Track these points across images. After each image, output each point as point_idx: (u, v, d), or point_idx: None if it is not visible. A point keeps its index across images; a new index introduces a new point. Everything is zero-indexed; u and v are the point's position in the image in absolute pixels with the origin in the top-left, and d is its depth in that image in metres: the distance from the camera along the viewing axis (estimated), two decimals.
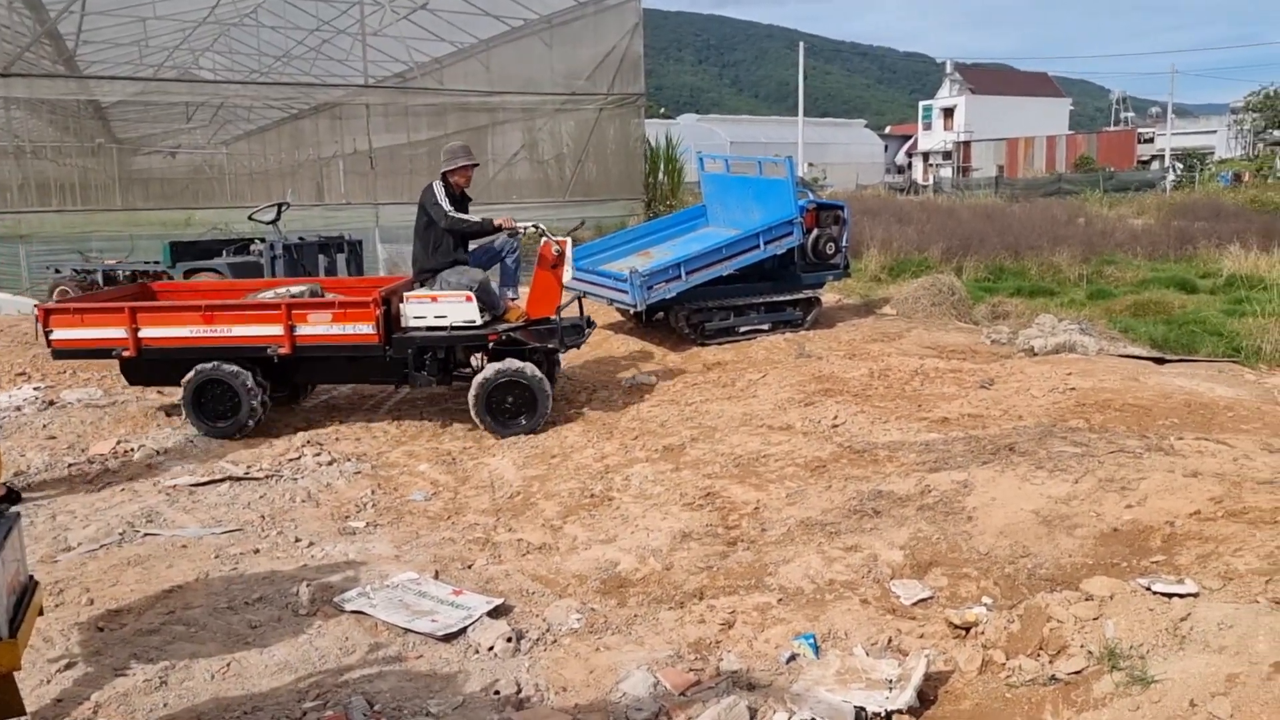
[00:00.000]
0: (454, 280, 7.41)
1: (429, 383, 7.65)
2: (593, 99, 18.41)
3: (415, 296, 7.42)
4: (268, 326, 7.35)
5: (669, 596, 4.57)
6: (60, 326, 7.52)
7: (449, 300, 7.33)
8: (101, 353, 7.65)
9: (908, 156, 74.19)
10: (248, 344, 7.39)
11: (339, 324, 7.29)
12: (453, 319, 7.32)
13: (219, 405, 7.43)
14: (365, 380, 8.28)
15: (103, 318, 7.52)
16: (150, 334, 7.46)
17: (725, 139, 50.27)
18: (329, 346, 7.38)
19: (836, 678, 3.67)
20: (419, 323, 7.36)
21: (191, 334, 7.43)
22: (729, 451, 6.46)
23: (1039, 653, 3.62)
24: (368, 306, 7.23)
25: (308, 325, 7.32)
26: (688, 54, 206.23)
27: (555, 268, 7.46)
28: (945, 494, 5.20)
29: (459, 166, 7.56)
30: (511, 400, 7.32)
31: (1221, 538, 4.15)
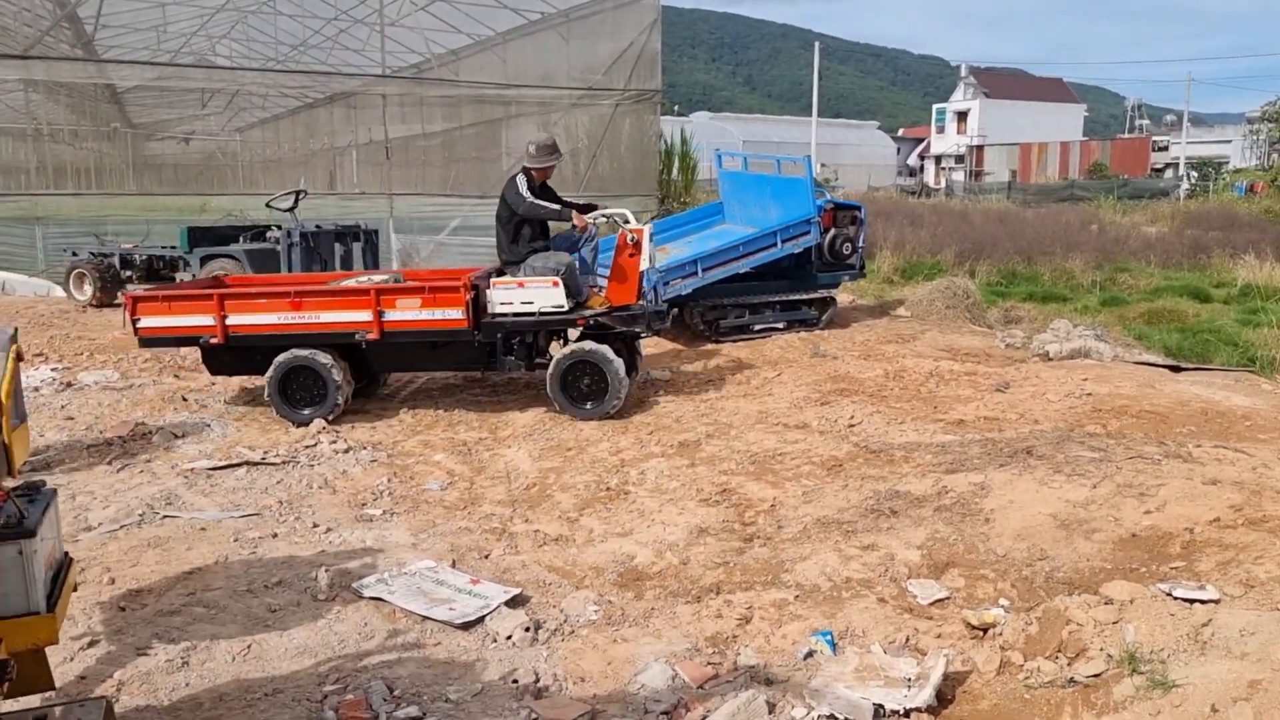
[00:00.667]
0: (539, 265, 7.49)
1: (517, 367, 7.71)
2: (609, 94, 18.40)
3: (502, 282, 7.49)
4: (356, 312, 7.37)
5: (686, 590, 4.59)
6: (147, 314, 7.56)
7: (536, 286, 7.39)
8: (188, 340, 7.70)
9: (920, 159, 74.04)
10: (336, 330, 7.41)
11: (428, 309, 7.31)
12: (540, 304, 7.38)
13: (305, 392, 7.45)
14: (447, 366, 8.31)
15: (190, 305, 7.57)
16: (238, 321, 7.48)
17: (738, 137, 50.21)
18: (418, 332, 7.40)
19: (855, 674, 3.68)
20: (505, 308, 7.43)
21: (279, 320, 7.45)
22: (745, 449, 6.47)
23: (1057, 655, 3.63)
24: (458, 291, 7.26)
25: (396, 310, 7.33)
26: (701, 51, 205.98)
27: (633, 255, 7.53)
28: (962, 495, 5.21)
29: (544, 166, 7.77)
30: (588, 382, 7.41)
31: (1242, 545, 4.15)
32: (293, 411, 7.44)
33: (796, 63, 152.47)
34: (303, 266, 10.67)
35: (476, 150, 19.04)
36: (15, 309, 11.93)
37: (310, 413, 7.40)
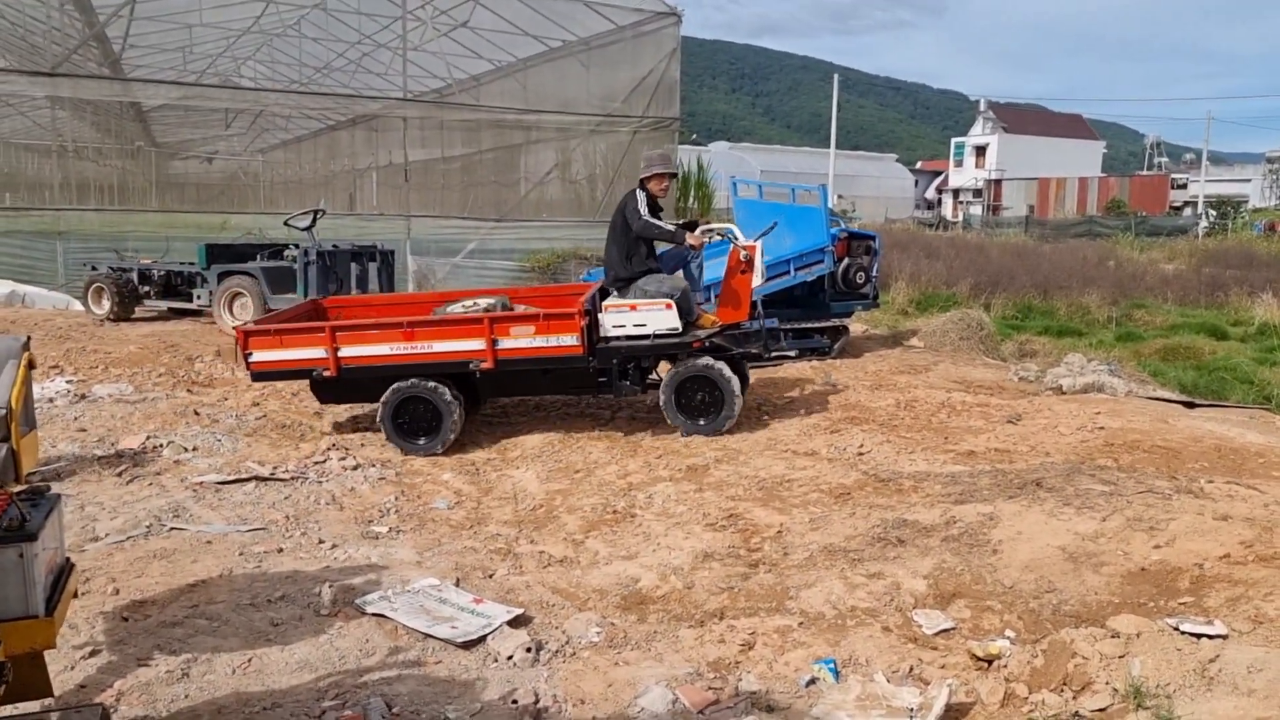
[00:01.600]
0: (652, 289, 7.43)
1: (633, 391, 7.72)
2: (627, 121, 18.52)
3: (614, 305, 7.45)
4: (470, 341, 7.28)
5: (689, 615, 4.56)
6: (260, 348, 7.54)
7: (648, 309, 7.36)
8: (301, 373, 7.66)
9: (938, 192, 74.13)
10: (450, 359, 7.34)
11: (542, 336, 7.22)
12: (653, 327, 7.35)
13: (420, 422, 7.37)
14: (561, 391, 8.28)
15: (302, 338, 7.55)
16: (350, 353, 7.44)
17: (756, 167, 50.38)
18: (532, 360, 7.32)
19: (857, 703, 3.65)
20: (618, 331, 7.40)
21: (392, 351, 7.38)
22: (753, 474, 6.45)
23: (1063, 688, 3.58)
24: (573, 318, 7.19)
25: (510, 339, 7.25)
26: (721, 82, 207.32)
27: (744, 273, 7.48)
28: (970, 526, 5.17)
29: (655, 174, 7.58)
30: (701, 397, 7.41)
31: (1252, 581, 4.10)
32: (406, 442, 7.37)
33: (816, 95, 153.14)
34: (319, 286, 10.74)
35: (495, 175, 19.20)
36: (34, 321, 12.04)
37: (425, 443, 7.32)
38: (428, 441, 7.32)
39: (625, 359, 7.49)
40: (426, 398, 7.30)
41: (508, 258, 17.52)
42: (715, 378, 7.32)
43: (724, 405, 7.34)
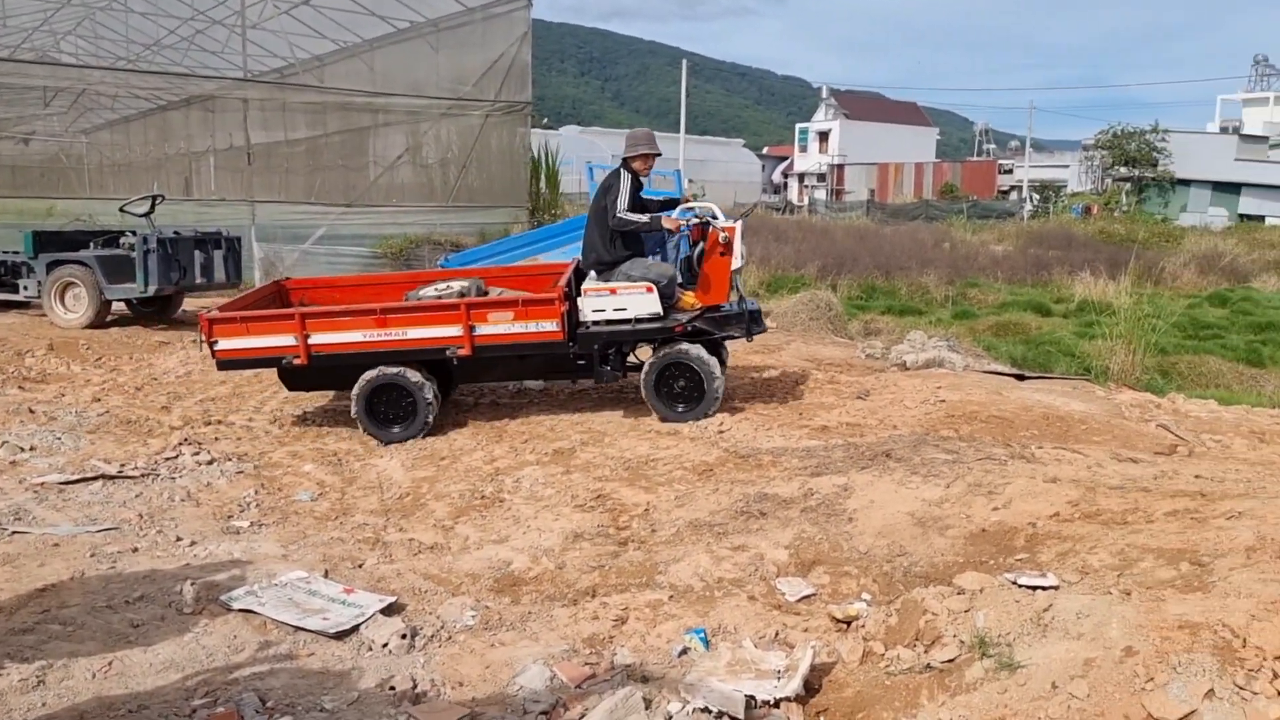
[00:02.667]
0: (637, 274, 7.26)
1: (614, 377, 7.56)
2: (479, 105, 18.33)
3: (594, 289, 7.26)
4: (446, 327, 7.09)
5: (562, 594, 4.65)
6: (225, 336, 7.18)
7: (629, 292, 7.17)
8: (269, 361, 7.33)
9: (784, 177, 76.04)
10: (426, 346, 7.14)
11: (521, 322, 7.05)
12: (634, 311, 7.17)
13: (392, 409, 7.18)
14: (538, 376, 8.10)
15: (270, 325, 7.21)
16: (321, 340, 7.14)
17: (608, 151, 50.44)
18: (511, 346, 7.15)
19: (727, 669, 3.81)
20: (598, 316, 7.22)
21: (365, 338, 7.15)
22: (619, 455, 6.58)
23: (915, 643, 3.83)
24: (552, 304, 7.02)
25: (488, 325, 7.07)
26: (570, 66, 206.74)
27: (724, 255, 7.26)
28: (827, 497, 5.44)
29: (640, 154, 7.40)
30: (683, 384, 7.26)
31: (1078, 537, 4.48)
32: (381, 430, 7.16)
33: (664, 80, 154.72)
34: (160, 274, 10.28)
35: (343, 158, 18.67)
36: None
37: (400, 431, 7.15)
38: (402, 429, 7.16)
39: (606, 344, 7.36)
40: (401, 385, 7.12)
41: (359, 244, 17.12)
42: (694, 364, 7.20)
43: (705, 391, 7.23)
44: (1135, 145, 50.52)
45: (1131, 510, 4.67)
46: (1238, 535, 4.00)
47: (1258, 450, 6.58)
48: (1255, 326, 14.69)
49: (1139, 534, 4.31)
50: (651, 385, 7.27)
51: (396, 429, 7.19)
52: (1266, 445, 6.72)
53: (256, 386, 8.75)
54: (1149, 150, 50.16)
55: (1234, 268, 22.76)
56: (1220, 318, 15.80)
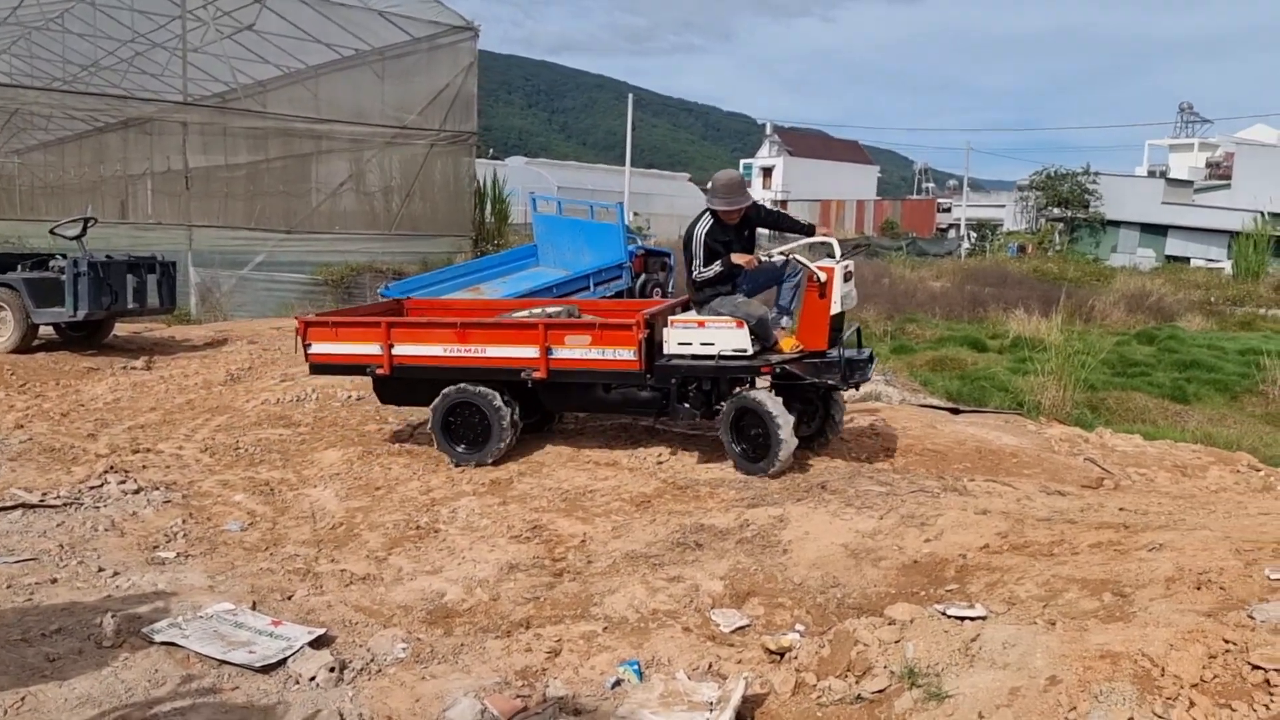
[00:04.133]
0: (726, 310, 6.78)
1: (691, 416, 6.96)
2: (424, 134, 18.30)
3: (681, 320, 6.82)
4: (523, 348, 6.86)
5: (496, 626, 4.61)
6: (318, 340, 7.15)
7: (717, 326, 6.69)
8: (356, 369, 7.28)
9: None
10: (501, 366, 6.92)
11: (597, 348, 6.72)
12: (720, 347, 6.65)
13: (469, 430, 6.99)
14: (621, 410, 7.63)
15: (358, 333, 7.15)
16: (404, 351, 7.03)
17: (553, 183, 50.68)
18: (586, 372, 6.83)
19: (660, 701, 3.80)
20: (683, 349, 6.73)
21: (444, 353, 7.03)
22: (556, 486, 6.55)
23: (847, 674, 3.86)
24: (629, 329, 6.63)
25: (564, 348, 6.78)
26: (518, 98, 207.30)
27: (821, 298, 6.62)
28: (762, 528, 5.46)
29: (730, 209, 6.81)
30: (756, 433, 6.54)
31: (1006, 568, 4.55)
32: (454, 450, 7.02)
33: (611, 113, 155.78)
34: (91, 299, 10.06)
35: (284, 184, 18.49)
36: None
37: (466, 452, 7.00)
38: (470, 452, 7.00)
39: (685, 379, 6.81)
40: (478, 405, 6.94)
41: (299, 270, 16.94)
42: (761, 412, 6.46)
43: (770, 446, 6.44)
44: (1068, 187, 51.95)
45: (1058, 542, 4.76)
46: (1158, 566, 4.09)
47: (1180, 484, 6.76)
48: (1180, 364, 15.11)
49: (1064, 565, 4.40)
50: (728, 429, 6.65)
51: (461, 448, 7.03)
52: (1188, 479, 6.91)
53: (188, 414, 8.58)
54: (1081, 192, 51.60)
55: (1160, 307, 23.43)
56: (1147, 355, 16.23)
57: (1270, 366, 13.57)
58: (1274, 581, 3.67)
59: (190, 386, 9.62)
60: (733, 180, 6.94)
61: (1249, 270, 34.84)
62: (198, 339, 12.39)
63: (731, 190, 6.81)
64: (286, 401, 8.84)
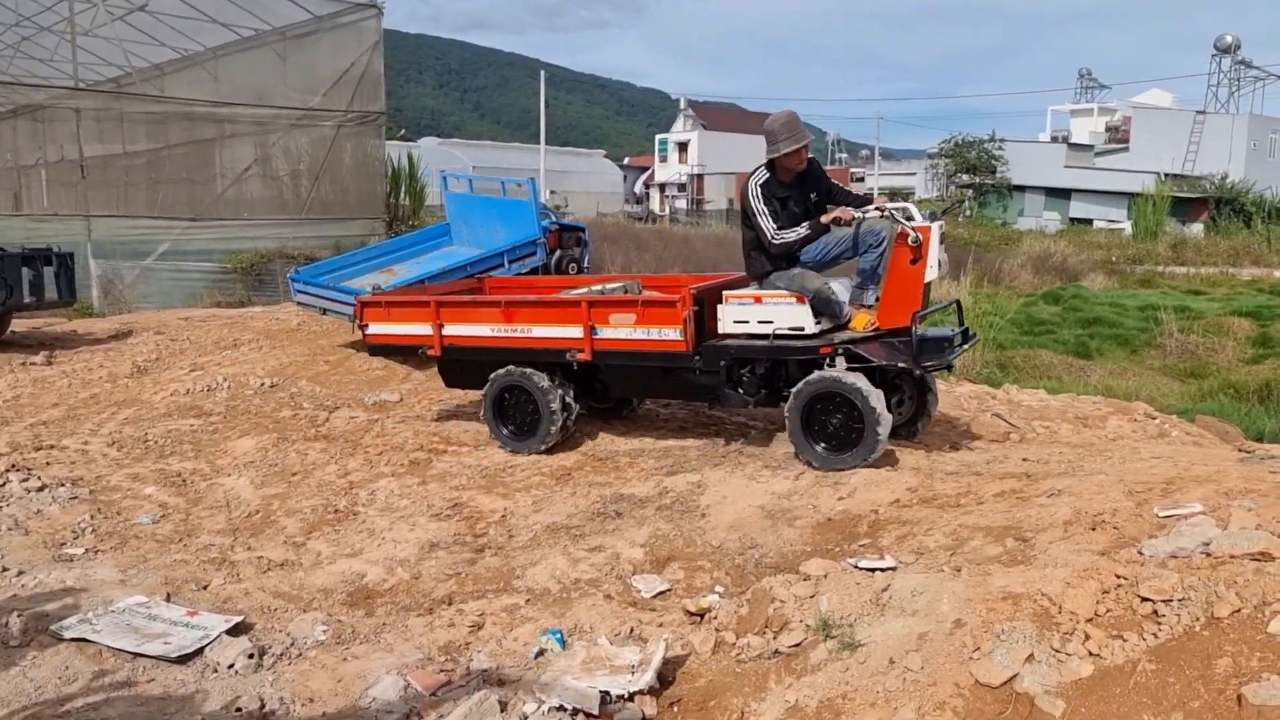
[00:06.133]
0: (782, 284, 6.06)
1: (744, 402, 6.20)
2: (330, 116, 17.90)
3: (736, 296, 6.13)
4: (568, 327, 6.46)
5: (418, 604, 4.61)
6: (373, 320, 6.99)
7: (776, 302, 5.97)
8: (409, 349, 7.12)
9: (645, 187, 76.84)
10: (548, 346, 6.56)
11: (642, 327, 6.18)
12: (779, 324, 5.94)
13: (519, 414, 6.69)
14: (675, 395, 7.13)
15: (410, 312, 6.94)
16: (453, 331, 6.79)
17: (468, 163, 50.11)
18: (631, 353, 6.32)
19: (583, 666, 3.85)
20: (739, 329, 6.07)
21: (491, 333, 6.76)
22: (475, 463, 6.55)
23: (765, 630, 3.95)
24: (673, 306, 6.06)
25: (609, 328, 6.31)
26: (429, 77, 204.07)
27: (914, 263, 5.70)
28: (681, 495, 5.54)
29: (785, 153, 5.97)
30: (839, 420, 5.68)
31: (916, 520, 4.70)
32: (506, 437, 6.76)
33: (524, 91, 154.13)
34: None
35: (187, 171, 17.92)
36: None
37: (514, 436, 6.73)
38: (519, 438, 6.70)
39: (737, 360, 6.13)
40: (527, 388, 6.61)
41: (206, 259, 16.48)
42: (851, 394, 5.56)
43: (863, 433, 5.56)
44: (975, 154, 53.06)
45: (964, 494, 4.92)
46: (1057, 511, 4.27)
47: (1081, 434, 7.02)
48: (1084, 322, 15.64)
49: (970, 515, 4.55)
50: (798, 419, 5.74)
51: (507, 430, 6.76)
52: (1089, 429, 7.18)
53: (94, 409, 8.34)
54: (988, 158, 52.77)
55: (1065, 267, 24.19)
56: (1053, 314, 16.75)
57: (1167, 321, 14.14)
58: (1163, 519, 3.86)
59: (95, 380, 9.34)
60: (791, 117, 6.05)
61: (1148, 230, 36.18)
62: (101, 332, 12.01)
63: (793, 127, 5.98)
64: (197, 392, 8.65)
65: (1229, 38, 55.21)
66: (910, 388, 6.38)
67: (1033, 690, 3.05)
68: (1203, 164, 47.05)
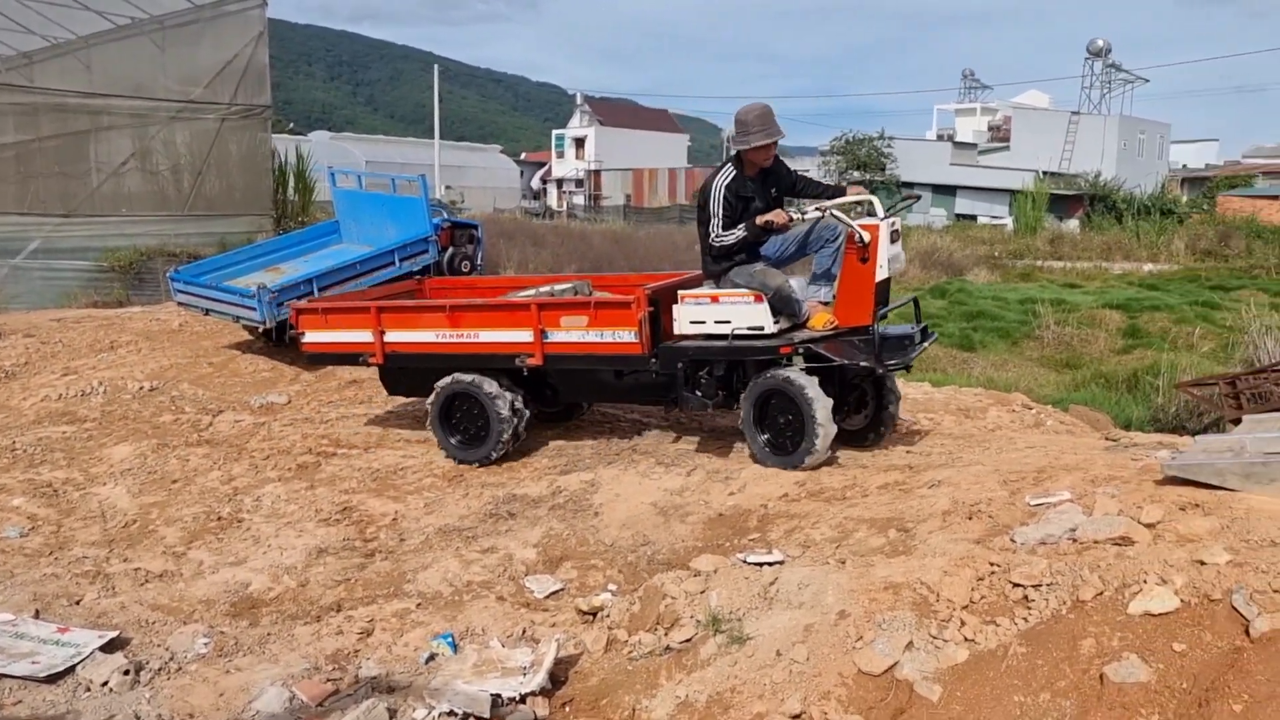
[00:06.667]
0: (742, 280, 5.84)
1: (703, 405, 6.01)
2: (213, 108, 17.32)
3: (692, 295, 5.91)
4: (517, 331, 6.17)
5: (305, 612, 4.51)
6: (310, 328, 6.58)
7: (733, 301, 5.76)
8: (349, 358, 6.69)
9: (542, 183, 76.53)
10: (495, 352, 6.25)
11: (595, 329, 5.95)
12: (737, 324, 5.73)
13: (467, 423, 6.35)
14: (632, 399, 6.86)
15: (349, 319, 6.55)
16: (396, 338, 6.38)
17: (360, 158, 49.07)
18: (583, 357, 6.08)
19: (474, 670, 3.82)
20: (696, 329, 5.86)
21: (437, 339, 6.40)
22: (366, 466, 6.43)
23: (656, 627, 3.99)
24: (628, 307, 5.84)
25: (560, 330, 6.06)
26: (319, 69, 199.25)
27: (864, 262, 5.59)
28: (575, 493, 5.55)
29: (755, 146, 5.70)
30: (786, 421, 5.57)
31: (804, 514, 4.80)
32: (453, 447, 6.41)
33: (418, 85, 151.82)
34: None
35: (59, 164, 17.09)
36: None
37: (460, 447, 6.38)
38: (466, 448, 6.37)
39: (694, 363, 5.93)
40: (475, 396, 6.29)
41: (81, 257, 15.79)
42: (792, 392, 5.48)
43: (804, 433, 5.46)
44: (865, 151, 54.38)
45: (850, 486, 5.05)
46: (937, 501, 4.41)
47: (962, 425, 7.27)
48: (968, 315, 16.21)
49: (855, 507, 4.67)
50: (750, 416, 5.69)
51: (455, 439, 6.43)
52: (970, 420, 7.44)
53: None
54: (877, 156, 54.13)
55: (951, 262, 25.01)
56: (940, 308, 17.31)
57: (1044, 314, 14.74)
58: (1033, 507, 4.02)
59: None
60: (765, 110, 5.75)
61: (1028, 226, 37.64)
62: None
63: (766, 121, 5.69)
64: (70, 397, 8.27)
65: (1100, 42, 57.76)
66: (870, 391, 6.19)
67: (912, 677, 3.15)
68: (1078, 162, 49.17)
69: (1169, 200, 43.17)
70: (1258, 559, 3.11)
